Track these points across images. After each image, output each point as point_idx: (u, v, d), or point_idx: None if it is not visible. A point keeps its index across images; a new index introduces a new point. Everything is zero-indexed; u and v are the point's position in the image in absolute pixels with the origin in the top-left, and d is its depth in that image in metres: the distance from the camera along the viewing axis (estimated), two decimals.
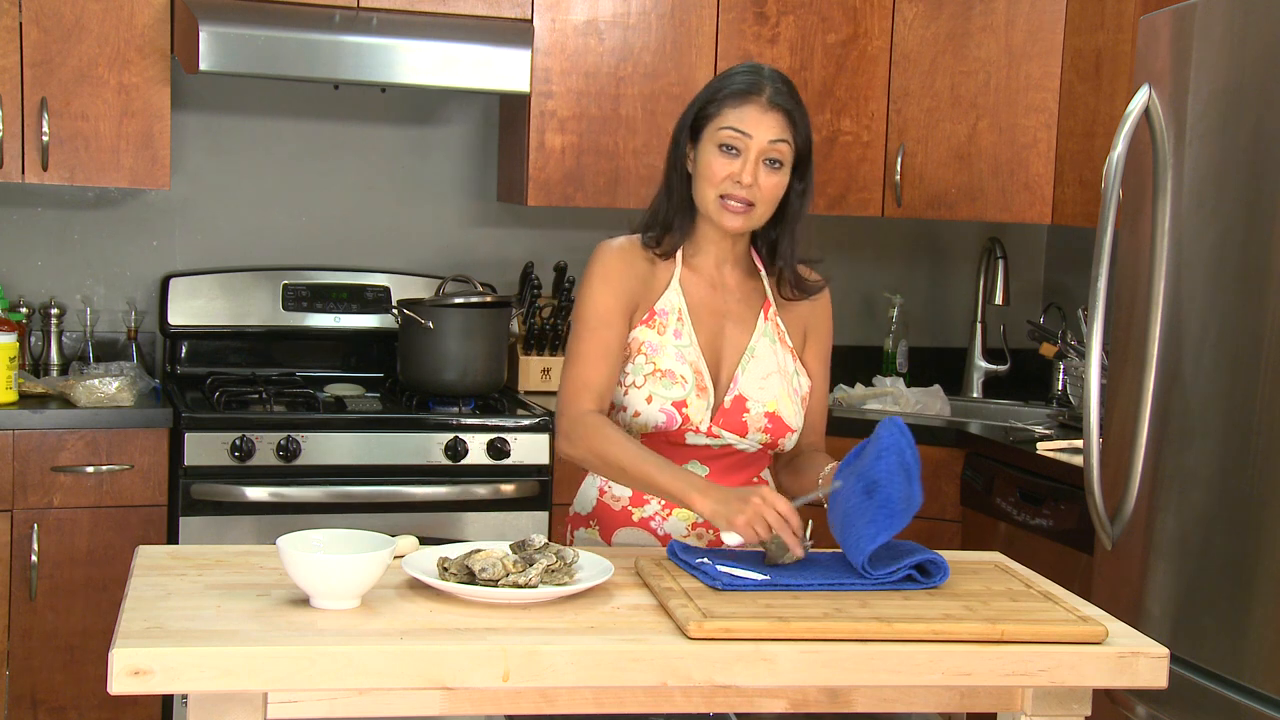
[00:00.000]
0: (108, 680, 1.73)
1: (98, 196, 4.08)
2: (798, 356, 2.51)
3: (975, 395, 4.47)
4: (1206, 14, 2.71)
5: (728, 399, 2.42)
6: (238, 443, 3.52)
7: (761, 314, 2.49)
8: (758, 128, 2.35)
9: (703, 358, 2.43)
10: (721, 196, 2.37)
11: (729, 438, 2.42)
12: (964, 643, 1.91)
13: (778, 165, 2.37)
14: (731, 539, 2.16)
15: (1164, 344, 2.80)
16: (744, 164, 2.35)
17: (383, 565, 1.94)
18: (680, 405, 2.40)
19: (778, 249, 2.48)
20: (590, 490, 2.52)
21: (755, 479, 2.48)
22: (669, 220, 2.46)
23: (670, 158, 2.46)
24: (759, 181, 2.36)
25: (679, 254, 2.47)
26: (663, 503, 2.43)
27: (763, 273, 2.52)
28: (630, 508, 2.46)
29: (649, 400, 2.40)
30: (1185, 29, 2.76)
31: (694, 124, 2.42)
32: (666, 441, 2.42)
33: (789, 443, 2.47)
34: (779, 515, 2.13)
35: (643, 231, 2.48)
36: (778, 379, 2.45)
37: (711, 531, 2.43)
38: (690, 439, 2.42)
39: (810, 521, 2.20)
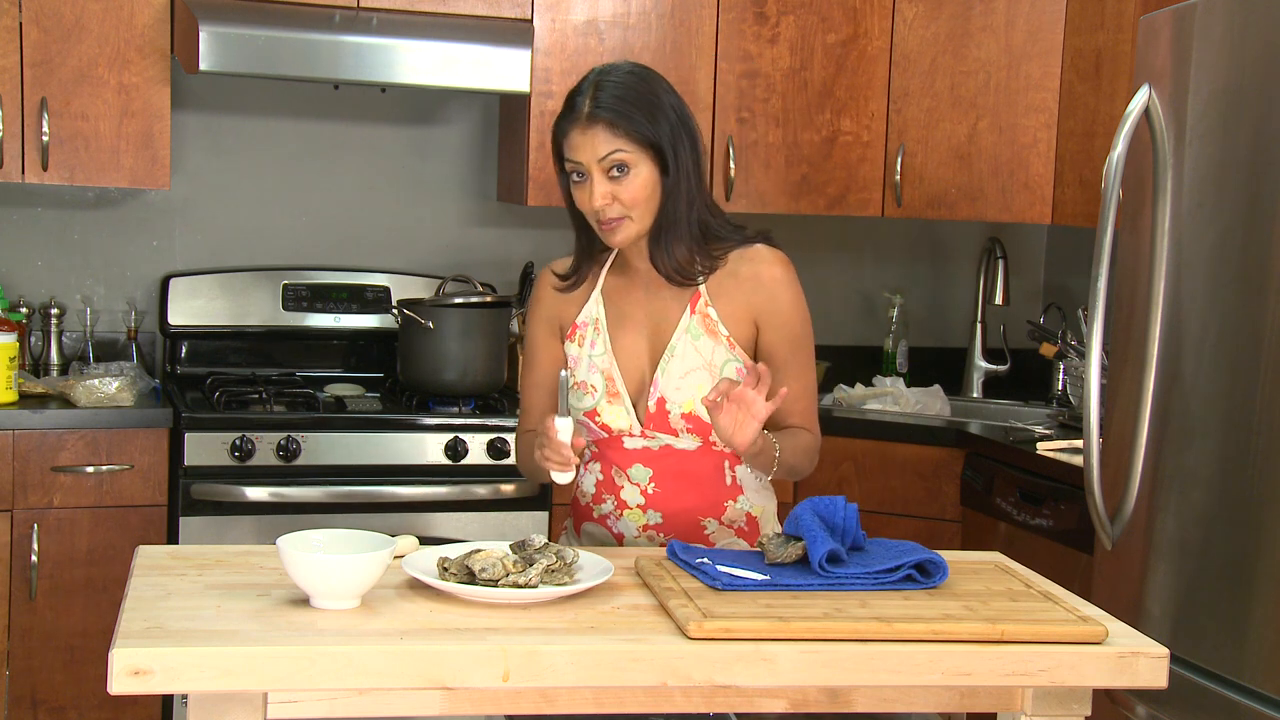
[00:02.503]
0: (108, 680, 1.73)
1: (98, 196, 4.08)
2: (736, 345, 2.41)
3: (975, 395, 4.47)
4: (1206, 14, 2.71)
5: (651, 402, 2.42)
6: (238, 443, 3.52)
7: (687, 309, 2.42)
8: (583, 151, 2.31)
9: (615, 364, 2.43)
10: (599, 222, 2.36)
11: (664, 439, 2.43)
12: (964, 643, 1.91)
13: (624, 169, 2.31)
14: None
15: (1164, 344, 2.80)
16: (589, 189, 2.33)
17: (383, 565, 1.94)
18: (592, 415, 2.43)
19: (665, 250, 2.38)
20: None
21: (729, 480, 2.45)
22: (584, 254, 2.48)
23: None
24: (613, 195, 2.32)
25: (604, 267, 2.49)
26: (616, 502, 2.46)
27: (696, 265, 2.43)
28: (592, 505, 2.50)
29: (568, 412, 2.38)
30: (1185, 29, 2.76)
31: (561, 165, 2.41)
32: (609, 449, 2.46)
33: None
34: (544, 440, 2.28)
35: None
36: (698, 376, 2.39)
37: (662, 534, 2.44)
38: (629, 443, 2.44)
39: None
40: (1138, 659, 1.93)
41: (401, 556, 2.09)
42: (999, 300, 4.42)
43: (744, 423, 2.22)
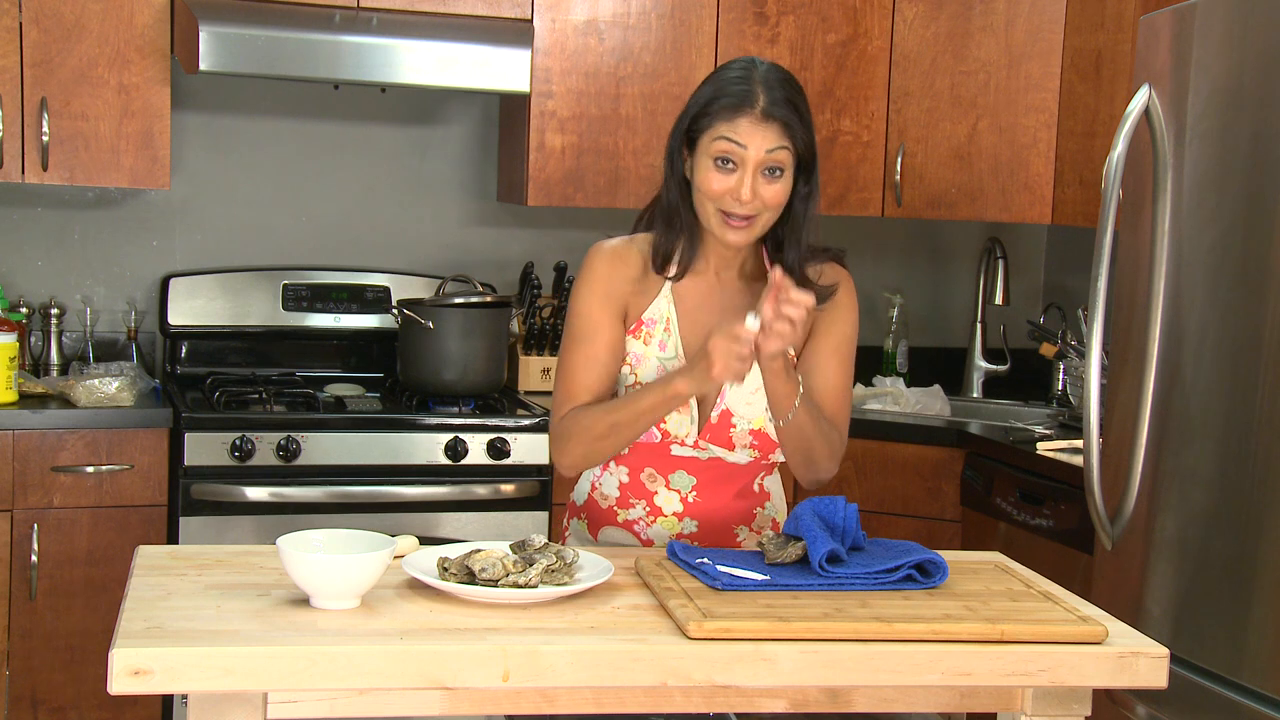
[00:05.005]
0: (108, 680, 1.73)
1: (98, 196, 4.08)
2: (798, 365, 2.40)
3: (975, 395, 4.47)
4: (1206, 14, 2.71)
5: (714, 414, 2.36)
6: (238, 443, 3.52)
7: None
8: (752, 139, 2.24)
9: None
10: (721, 211, 2.29)
11: (716, 451, 2.38)
12: (964, 643, 1.91)
13: (778, 173, 2.28)
14: (729, 388, 2.22)
15: (1164, 344, 2.81)
16: (741, 179, 2.25)
17: (383, 565, 1.94)
18: (658, 421, 2.36)
19: (784, 256, 2.36)
20: (584, 483, 2.50)
21: (758, 488, 2.45)
22: (674, 236, 2.36)
23: (667, 168, 2.37)
24: (759, 193, 2.26)
25: (674, 263, 2.39)
26: (648, 507, 2.41)
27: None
28: (616, 509, 2.44)
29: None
30: (1185, 29, 2.76)
31: (689, 131, 2.32)
32: (651, 453, 2.39)
33: (780, 456, 2.41)
34: (738, 343, 2.11)
35: (653, 250, 2.38)
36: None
37: (695, 542, 2.40)
38: (675, 450, 2.38)
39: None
40: (1138, 659, 1.93)
41: (401, 556, 2.09)
42: (999, 300, 4.42)
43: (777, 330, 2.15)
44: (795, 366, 2.40)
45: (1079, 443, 3.35)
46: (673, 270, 2.38)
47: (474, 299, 3.95)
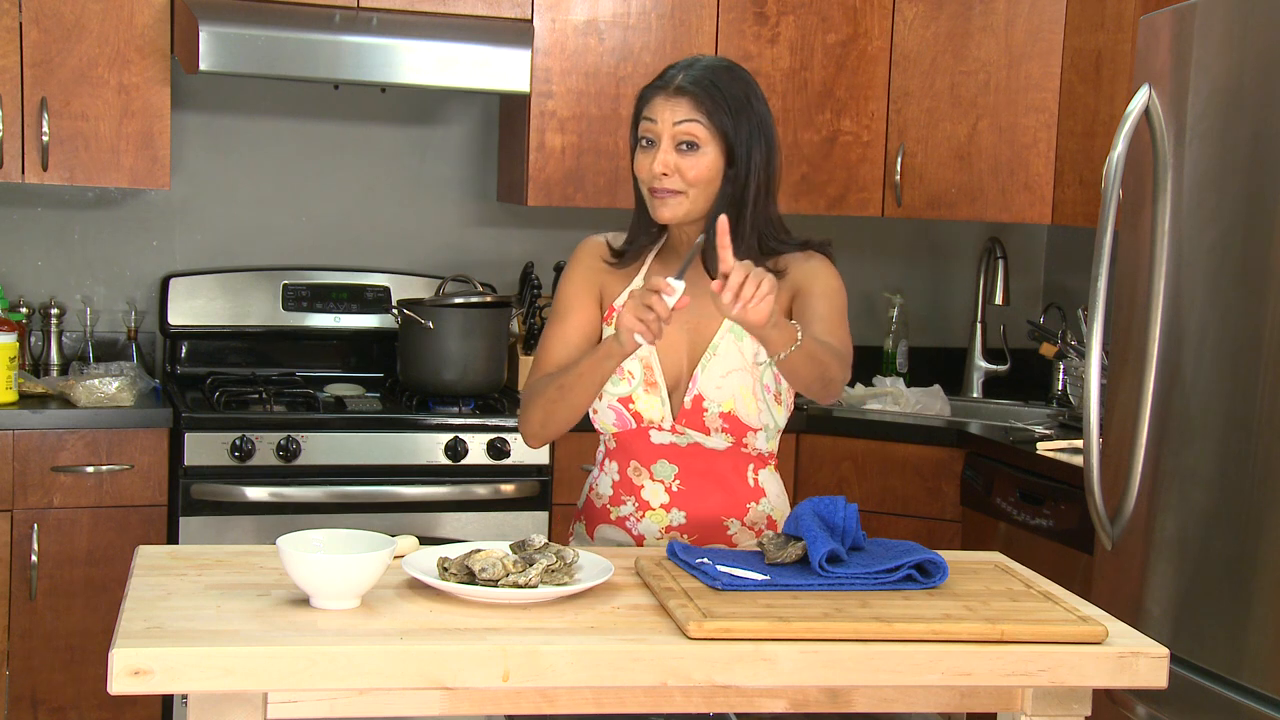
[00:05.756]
0: (108, 680, 1.73)
1: (98, 196, 4.08)
2: None
3: (975, 395, 4.47)
4: (1206, 14, 2.71)
5: (688, 399, 2.40)
6: (238, 443, 3.52)
7: None
8: (662, 113, 2.34)
9: (655, 353, 2.40)
10: (651, 190, 2.37)
11: (694, 435, 2.41)
12: (964, 643, 1.91)
13: (694, 147, 2.33)
14: (640, 340, 2.17)
15: (1164, 344, 2.81)
16: (653, 154, 2.34)
17: (383, 565, 1.94)
18: (626, 401, 2.40)
19: (707, 236, 2.34)
20: (585, 485, 2.56)
21: (752, 482, 2.46)
22: (637, 228, 2.46)
23: (631, 164, 2.46)
24: (672, 165, 2.33)
25: (651, 252, 2.48)
26: (636, 503, 2.44)
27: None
28: (609, 506, 2.48)
29: (600, 397, 2.41)
30: (1185, 29, 2.76)
31: (635, 127, 2.42)
32: (633, 442, 2.43)
33: (759, 441, 2.43)
34: (650, 296, 2.12)
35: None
36: (739, 377, 2.39)
37: (685, 536, 2.43)
38: (655, 437, 2.42)
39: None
40: (1138, 659, 1.93)
41: (401, 556, 2.09)
42: (999, 300, 4.42)
43: (752, 300, 2.10)
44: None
45: (1079, 443, 3.35)
46: (612, 257, 2.46)
47: (474, 299, 3.96)
